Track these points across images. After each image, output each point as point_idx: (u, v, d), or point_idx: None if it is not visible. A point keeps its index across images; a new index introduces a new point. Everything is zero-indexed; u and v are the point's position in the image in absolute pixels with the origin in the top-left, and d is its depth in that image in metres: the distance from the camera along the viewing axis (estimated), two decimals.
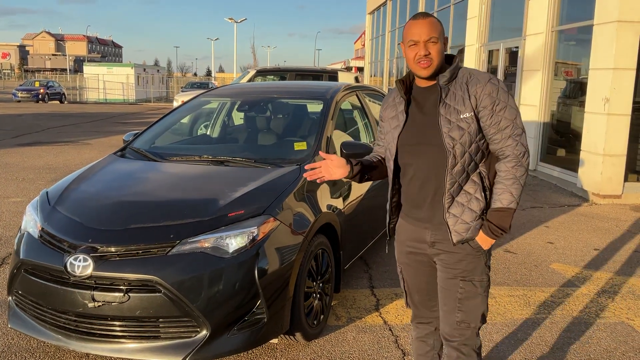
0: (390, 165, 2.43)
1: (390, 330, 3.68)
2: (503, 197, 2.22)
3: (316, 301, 3.48)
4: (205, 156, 3.98)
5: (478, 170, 2.28)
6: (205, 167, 3.82)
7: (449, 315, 2.37)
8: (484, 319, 2.37)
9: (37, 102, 32.08)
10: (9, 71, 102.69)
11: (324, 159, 2.45)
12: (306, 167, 2.50)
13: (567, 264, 5.16)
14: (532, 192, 8.44)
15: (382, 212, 4.92)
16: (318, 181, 2.52)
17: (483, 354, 3.38)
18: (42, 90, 32.96)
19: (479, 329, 2.39)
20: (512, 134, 2.21)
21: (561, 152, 9.73)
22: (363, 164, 2.51)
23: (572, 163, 8.93)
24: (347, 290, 4.30)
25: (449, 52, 2.37)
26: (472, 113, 2.21)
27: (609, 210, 7.48)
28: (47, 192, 3.59)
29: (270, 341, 3.24)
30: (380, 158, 2.59)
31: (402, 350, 3.42)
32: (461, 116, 2.21)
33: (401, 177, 2.41)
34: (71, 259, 2.88)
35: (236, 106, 5.26)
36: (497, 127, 2.22)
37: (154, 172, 3.88)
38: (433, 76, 2.29)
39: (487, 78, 2.25)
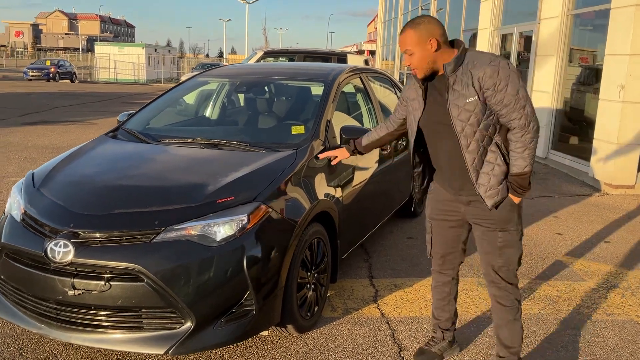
0: (411, 141, 2.78)
1: (387, 323, 3.54)
2: (518, 163, 2.53)
3: (310, 292, 3.34)
4: (199, 139, 3.81)
5: (494, 141, 2.56)
6: (198, 150, 3.66)
7: (491, 261, 2.72)
8: (519, 262, 2.74)
9: (48, 81, 32.06)
10: (22, 50, 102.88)
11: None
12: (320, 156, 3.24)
13: (575, 256, 4.98)
14: (542, 180, 8.23)
15: (385, 199, 4.81)
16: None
17: (483, 351, 3.24)
18: (52, 69, 32.96)
19: (517, 270, 2.76)
20: (516, 107, 2.45)
21: (573, 140, 9.48)
22: (363, 150, 3.36)
23: (584, 152, 8.68)
24: (345, 280, 4.16)
25: (460, 37, 2.34)
26: (477, 97, 2.47)
27: (621, 200, 7.25)
28: (32, 174, 3.46)
29: (261, 333, 3.11)
30: (391, 129, 3.12)
31: (398, 344, 3.28)
32: (467, 100, 2.48)
33: (430, 154, 2.78)
34: (51, 245, 2.74)
35: (235, 87, 5.09)
36: (502, 104, 2.46)
37: (144, 155, 3.72)
38: (430, 77, 2.60)
39: (488, 61, 2.46)
